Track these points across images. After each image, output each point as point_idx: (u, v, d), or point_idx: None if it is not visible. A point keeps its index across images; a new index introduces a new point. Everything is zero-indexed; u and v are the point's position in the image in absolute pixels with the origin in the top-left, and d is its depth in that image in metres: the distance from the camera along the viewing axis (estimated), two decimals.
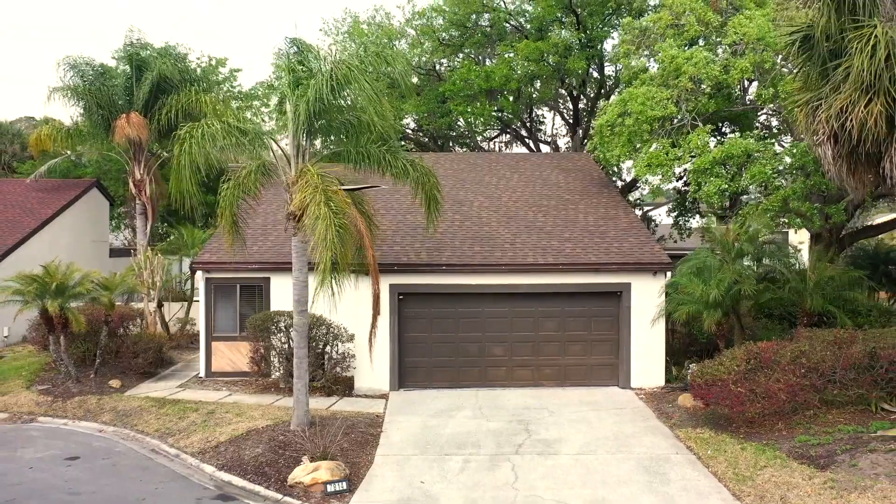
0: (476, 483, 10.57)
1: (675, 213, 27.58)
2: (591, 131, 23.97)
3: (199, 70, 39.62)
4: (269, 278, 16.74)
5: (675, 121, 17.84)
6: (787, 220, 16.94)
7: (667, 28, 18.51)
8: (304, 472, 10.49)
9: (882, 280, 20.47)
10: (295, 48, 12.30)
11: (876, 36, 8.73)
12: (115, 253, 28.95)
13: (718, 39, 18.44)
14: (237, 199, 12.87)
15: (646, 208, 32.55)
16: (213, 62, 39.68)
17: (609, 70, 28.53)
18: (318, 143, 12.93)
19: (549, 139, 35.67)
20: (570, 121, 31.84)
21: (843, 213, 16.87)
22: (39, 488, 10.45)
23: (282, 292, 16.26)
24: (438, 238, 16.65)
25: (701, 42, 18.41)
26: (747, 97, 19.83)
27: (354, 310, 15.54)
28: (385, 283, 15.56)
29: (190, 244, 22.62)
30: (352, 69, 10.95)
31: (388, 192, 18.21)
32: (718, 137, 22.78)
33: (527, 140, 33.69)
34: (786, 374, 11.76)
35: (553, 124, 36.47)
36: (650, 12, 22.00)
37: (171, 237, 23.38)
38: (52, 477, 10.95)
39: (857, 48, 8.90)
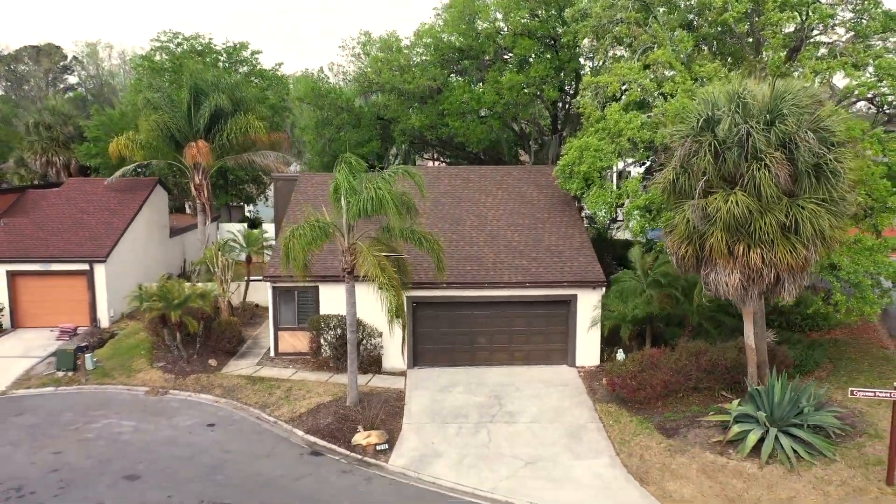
0: (465, 443, 17.49)
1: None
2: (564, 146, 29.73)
3: (224, 53, 44.90)
4: (318, 286, 23.23)
5: (617, 168, 23.91)
6: None
7: (615, 92, 24.28)
8: (362, 437, 17.38)
9: None
10: (350, 164, 18.30)
11: (686, 212, 14.92)
12: (173, 233, 35.35)
13: (653, 102, 24.19)
14: (307, 251, 19.13)
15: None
16: (237, 45, 44.84)
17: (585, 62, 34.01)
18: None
19: (533, 120, 41.20)
20: (551, 117, 37.45)
21: None
22: (204, 447, 17.34)
23: (328, 296, 22.95)
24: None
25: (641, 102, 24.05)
26: None
27: (384, 314, 22.13)
28: (404, 295, 22.04)
29: (247, 242, 29.02)
30: (382, 198, 17.10)
31: None
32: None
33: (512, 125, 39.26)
34: (663, 374, 18.56)
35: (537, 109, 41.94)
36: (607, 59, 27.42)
37: (231, 237, 29.64)
38: (205, 440, 17.84)
39: (678, 214, 15.09)
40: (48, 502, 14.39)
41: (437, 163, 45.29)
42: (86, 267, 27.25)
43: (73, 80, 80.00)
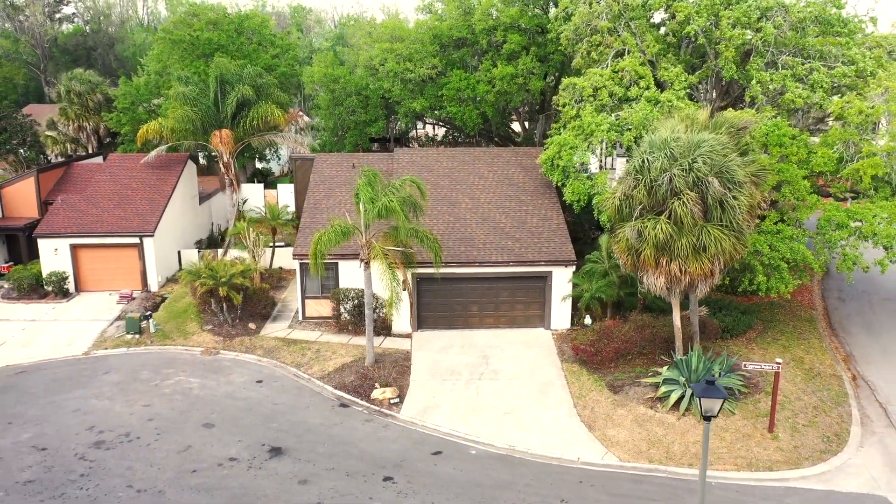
0: (459, 397, 22.62)
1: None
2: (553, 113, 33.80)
3: (235, 22, 48.09)
4: (337, 263, 28.01)
5: (591, 163, 28.23)
6: None
7: (588, 96, 28.34)
8: (379, 393, 22.50)
9: None
10: (369, 178, 22.70)
11: (625, 232, 19.46)
12: (201, 199, 39.79)
13: (621, 106, 28.26)
14: (325, 249, 23.69)
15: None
16: (245, 15, 48.17)
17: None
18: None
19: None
20: (539, 101, 41.22)
21: None
22: (258, 400, 22.46)
23: (346, 270, 27.80)
24: (440, 240, 27.67)
25: (611, 105, 28.15)
26: None
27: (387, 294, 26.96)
28: (409, 272, 26.84)
29: (272, 216, 33.58)
30: (393, 206, 21.62)
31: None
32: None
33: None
34: (615, 343, 23.55)
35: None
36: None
37: (257, 211, 34.19)
38: (258, 394, 22.95)
39: (622, 233, 19.67)
40: (153, 444, 19.57)
41: (434, 127, 49.24)
42: (136, 241, 31.92)
43: (68, 10, 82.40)
